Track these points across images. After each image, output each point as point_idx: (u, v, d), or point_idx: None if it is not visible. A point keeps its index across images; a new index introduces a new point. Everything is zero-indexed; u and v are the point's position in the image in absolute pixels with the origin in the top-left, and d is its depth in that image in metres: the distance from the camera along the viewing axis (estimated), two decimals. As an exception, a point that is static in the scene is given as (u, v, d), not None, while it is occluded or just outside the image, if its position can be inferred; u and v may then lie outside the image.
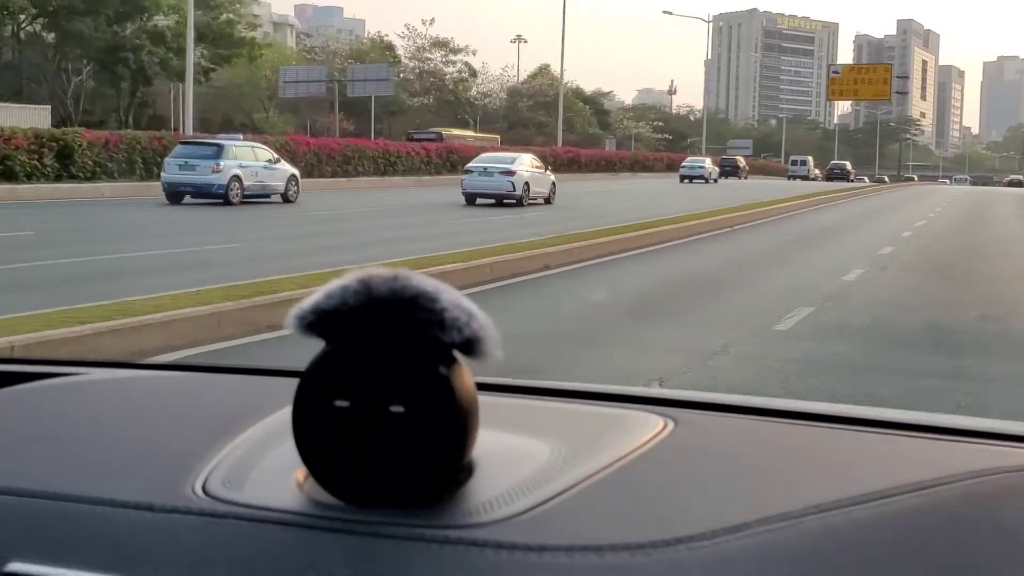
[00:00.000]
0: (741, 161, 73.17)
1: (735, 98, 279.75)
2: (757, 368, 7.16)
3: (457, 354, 0.77)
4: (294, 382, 0.78)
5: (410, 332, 0.75)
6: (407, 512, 0.75)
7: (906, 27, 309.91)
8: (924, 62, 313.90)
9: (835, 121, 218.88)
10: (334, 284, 0.78)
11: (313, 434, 0.78)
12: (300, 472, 0.82)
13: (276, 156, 26.31)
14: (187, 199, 23.86)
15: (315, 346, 0.80)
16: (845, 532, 0.73)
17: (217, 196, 23.79)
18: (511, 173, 26.94)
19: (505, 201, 26.68)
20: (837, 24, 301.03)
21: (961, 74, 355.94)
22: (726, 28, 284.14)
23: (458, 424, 0.76)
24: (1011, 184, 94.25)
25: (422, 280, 0.77)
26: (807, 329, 8.70)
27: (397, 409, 0.75)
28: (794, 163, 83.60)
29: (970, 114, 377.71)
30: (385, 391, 0.76)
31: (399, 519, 0.75)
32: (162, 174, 24.58)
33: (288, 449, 0.82)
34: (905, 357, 7.65)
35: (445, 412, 0.75)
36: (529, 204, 26.89)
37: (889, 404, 4.96)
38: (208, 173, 23.76)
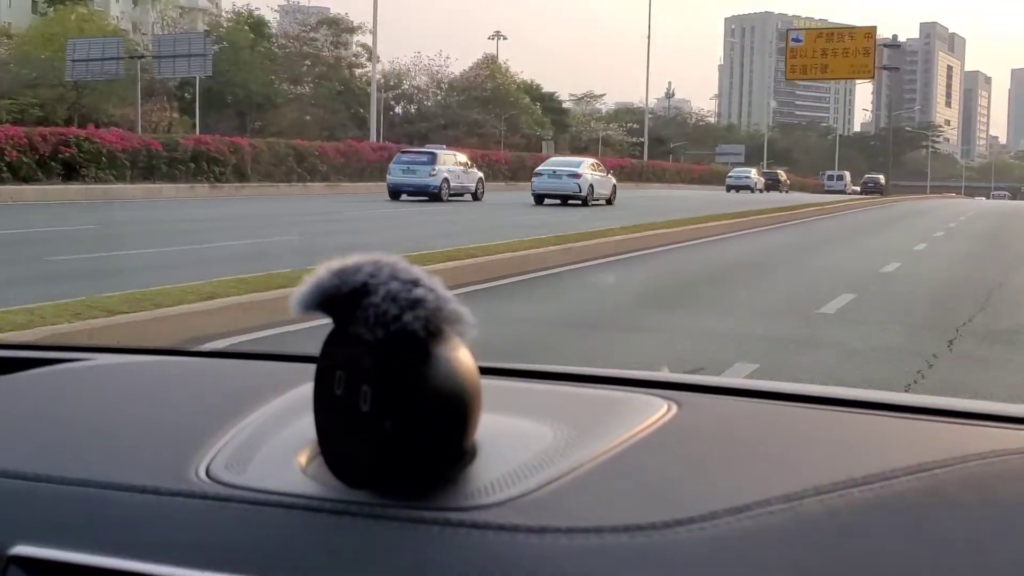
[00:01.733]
0: (782, 175, 72.85)
1: (748, 104, 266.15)
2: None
3: (453, 337, 0.77)
4: (298, 366, 0.80)
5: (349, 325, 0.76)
6: (409, 495, 0.76)
7: (929, 31, 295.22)
8: (949, 67, 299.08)
9: (856, 128, 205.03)
10: (323, 268, 0.78)
11: (320, 418, 0.79)
12: (303, 455, 0.82)
13: (469, 161, 32.87)
14: (403, 197, 29.78)
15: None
16: (844, 514, 0.74)
17: (431, 194, 29.80)
18: (577, 176, 29.89)
19: (570, 201, 29.47)
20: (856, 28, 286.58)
21: (988, 80, 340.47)
22: (739, 31, 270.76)
23: (445, 409, 0.76)
24: None
25: (383, 269, 0.77)
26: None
27: (381, 396, 0.75)
28: (830, 178, 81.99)
29: (997, 123, 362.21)
30: (367, 378, 0.75)
31: (401, 502, 0.75)
32: (388, 176, 30.96)
33: (291, 432, 0.84)
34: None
35: (429, 398, 0.75)
36: (593, 204, 29.57)
37: None
38: (426, 176, 30.20)
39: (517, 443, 0.85)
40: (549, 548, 0.70)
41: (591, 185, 30.48)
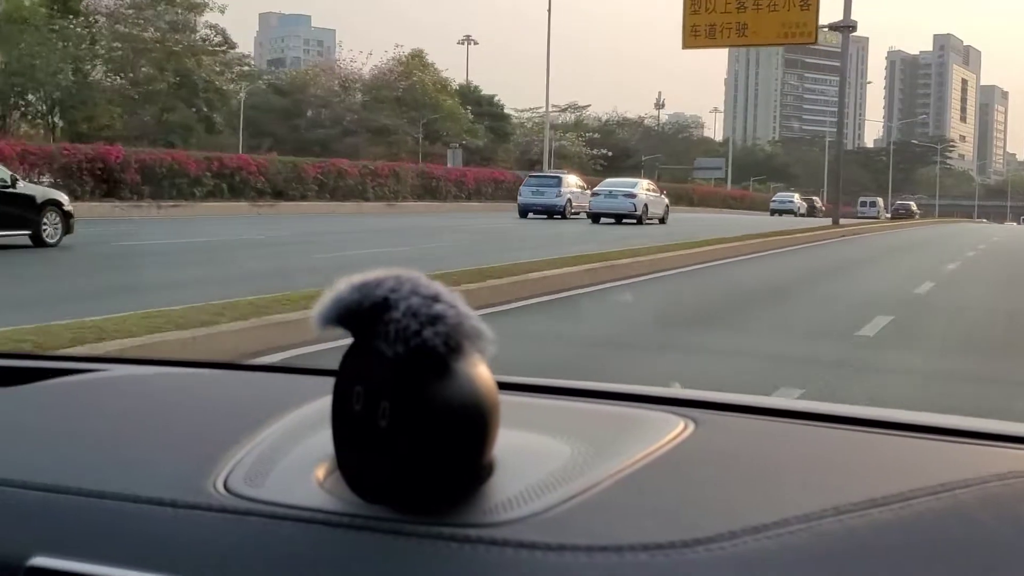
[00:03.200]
0: (818, 202, 73.22)
1: (753, 118, 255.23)
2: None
3: (473, 354, 0.77)
4: (316, 379, 0.81)
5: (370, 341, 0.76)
6: (427, 510, 0.75)
7: (944, 43, 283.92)
8: (964, 81, 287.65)
9: (867, 144, 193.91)
10: (341, 281, 0.78)
11: (338, 433, 0.79)
12: (321, 469, 0.82)
13: (584, 184, 37.62)
14: (530, 215, 34.36)
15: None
16: (864, 534, 0.73)
17: (557, 213, 34.45)
18: (633, 196, 33.05)
19: (624, 220, 31.85)
20: (867, 39, 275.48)
21: (1005, 95, 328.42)
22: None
23: (461, 424, 0.75)
24: None
25: (404, 284, 0.77)
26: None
27: (397, 411, 0.75)
28: (863, 204, 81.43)
29: (1016, 139, 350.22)
30: (391, 392, 0.75)
31: (420, 517, 0.75)
32: (519, 197, 36.07)
33: (308, 446, 0.84)
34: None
35: (444, 415, 0.75)
36: (646, 223, 32.11)
37: None
38: (553, 197, 35.06)
39: (535, 460, 0.84)
40: (568, 566, 0.70)
41: (646, 205, 32.60)
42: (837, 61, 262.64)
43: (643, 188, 33.97)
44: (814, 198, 73.75)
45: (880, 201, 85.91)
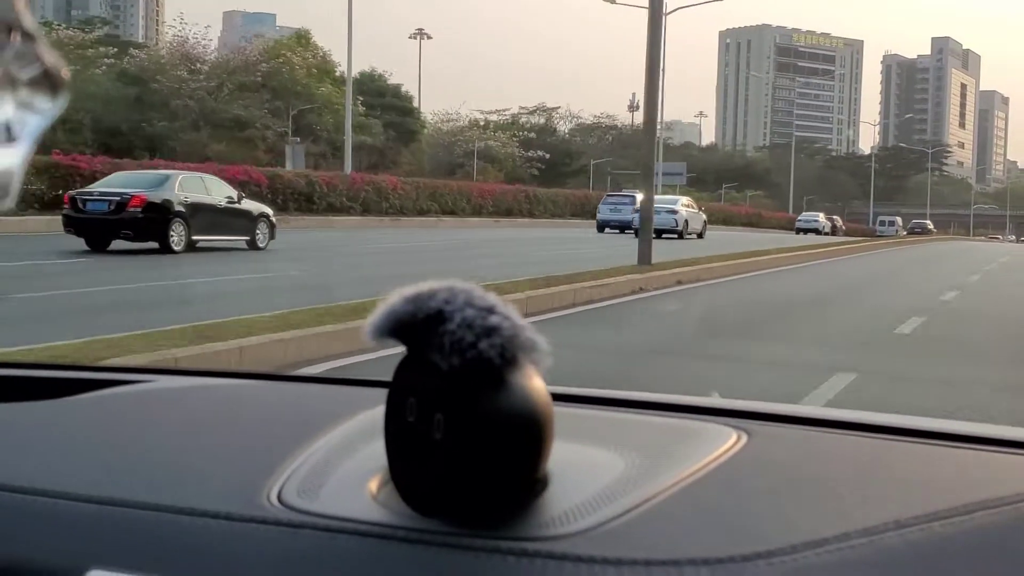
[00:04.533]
0: (838, 221, 74.61)
1: (743, 123, 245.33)
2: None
3: (528, 365, 0.77)
4: (367, 391, 0.82)
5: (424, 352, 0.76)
6: (482, 524, 0.75)
7: (942, 46, 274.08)
8: (963, 86, 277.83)
9: (864, 151, 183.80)
10: (394, 294, 0.78)
11: (392, 446, 0.79)
12: (374, 482, 0.82)
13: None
14: (606, 231, 37.94)
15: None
16: (926, 548, 0.73)
17: (632, 229, 33.33)
18: (675, 212, 35.71)
19: (665, 235, 32.33)
20: (862, 42, 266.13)
21: (1005, 100, 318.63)
22: (734, 46, 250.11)
23: (518, 436, 0.75)
24: None
25: (458, 296, 0.77)
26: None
27: (453, 424, 0.75)
28: (882, 223, 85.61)
29: (1017, 147, 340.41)
30: (445, 402, 0.75)
31: (475, 531, 0.74)
32: (598, 214, 40.16)
33: (361, 459, 0.84)
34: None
35: (497, 426, 0.74)
36: (687, 238, 34.74)
37: None
38: (628, 214, 36.62)
39: (589, 472, 0.84)
40: None
41: (686, 220, 35.74)
42: (831, 64, 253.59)
43: (683, 204, 36.60)
44: (835, 217, 74.86)
45: (899, 220, 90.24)
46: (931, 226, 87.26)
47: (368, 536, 0.76)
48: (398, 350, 0.79)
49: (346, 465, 0.88)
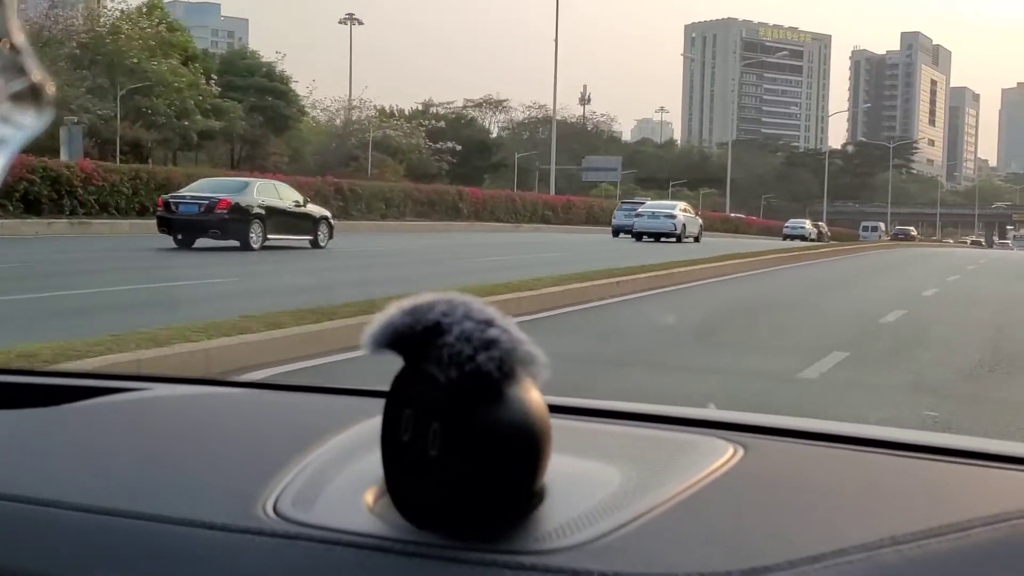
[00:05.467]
0: (823, 227, 76.03)
1: (708, 120, 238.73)
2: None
3: (526, 378, 0.77)
4: (363, 400, 0.83)
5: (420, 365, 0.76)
6: (479, 537, 0.75)
7: (912, 41, 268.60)
8: (933, 82, 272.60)
9: (834, 146, 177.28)
10: (392, 305, 0.78)
11: (389, 456, 0.79)
12: (370, 493, 0.82)
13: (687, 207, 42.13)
14: (620, 235, 38.60)
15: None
16: (921, 565, 0.73)
17: (631, 233, 37.04)
18: (673, 216, 36.66)
19: (663, 239, 35.00)
20: (830, 36, 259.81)
21: (976, 97, 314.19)
22: (699, 40, 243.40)
23: (517, 450, 0.76)
24: None
25: (457, 308, 0.77)
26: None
27: (451, 437, 0.75)
28: (865, 228, 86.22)
29: (987, 146, 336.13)
30: (442, 415, 0.76)
31: (471, 544, 0.75)
32: (613, 220, 42.38)
33: (357, 470, 0.84)
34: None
35: (495, 440, 0.75)
36: (684, 241, 35.69)
37: None
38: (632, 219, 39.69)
39: (586, 485, 0.84)
40: None
41: (684, 225, 36.66)
42: (798, 60, 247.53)
43: (680, 209, 38.03)
44: (821, 224, 76.64)
45: (881, 226, 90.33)
46: (914, 232, 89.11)
47: (363, 548, 0.76)
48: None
49: (342, 476, 0.88)
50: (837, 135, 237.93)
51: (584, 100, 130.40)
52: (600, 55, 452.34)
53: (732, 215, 71.27)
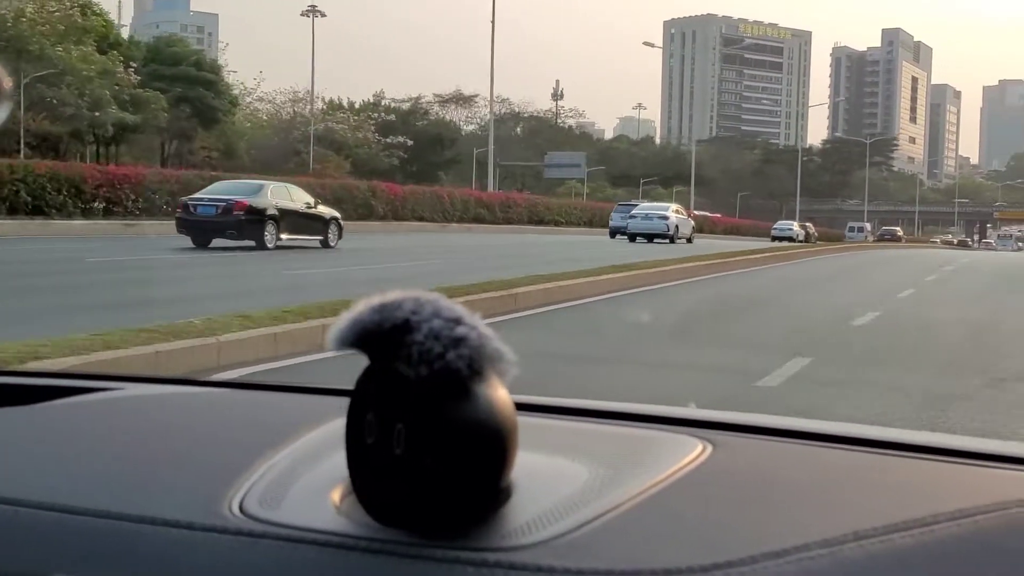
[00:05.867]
0: (811, 227, 74.36)
1: (688, 117, 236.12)
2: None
3: (493, 376, 0.78)
4: (329, 400, 0.83)
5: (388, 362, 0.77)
6: (445, 534, 0.76)
7: (892, 38, 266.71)
8: (914, 79, 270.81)
9: (816, 144, 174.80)
10: (372, 300, 0.78)
11: (354, 455, 0.79)
12: (336, 492, 0.83)
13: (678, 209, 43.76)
14: (617, 237, 39.47)
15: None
16: (885, 560, 0.73)
17: (626, 234, 38.50)
18: (666, 218, 37.83)
19: (656, 240, 36.16)
20: (810, 33, 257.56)
21: (957, 95, 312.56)
22: (679, 36, 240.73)
23: (486, 448, 0.76)
24: None
25: (425, 306, 0.77)
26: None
27: (419, 433, 0.75)
28: (851, 229, 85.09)
29: (968, 144, 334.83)
30: (410, 413, 0.76)
31: (437, 541, 0.75)
32: (610, 222, 43.57)
33: (324, 469, 0.85)
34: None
35: (468, 437, 0.75)
36: (677, 241, 36.62)
37: None
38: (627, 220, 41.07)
39: (552, 482, 0.85)
40: None
41: (677, 226, 37.67)
42: (778, 56, 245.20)
43: (673, 211, 39.39)
44: (808, 224, 76.12)
45: (868, 226, 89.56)
46: (900, 232, 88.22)
47: (329, 546, 0.76)
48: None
49: (309, 475, 0.88)
50: (818, 133, 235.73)
51: (556, 95, 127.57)
52: (583, 52, 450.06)
53: (696, 213, 68.34)
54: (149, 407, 1.20)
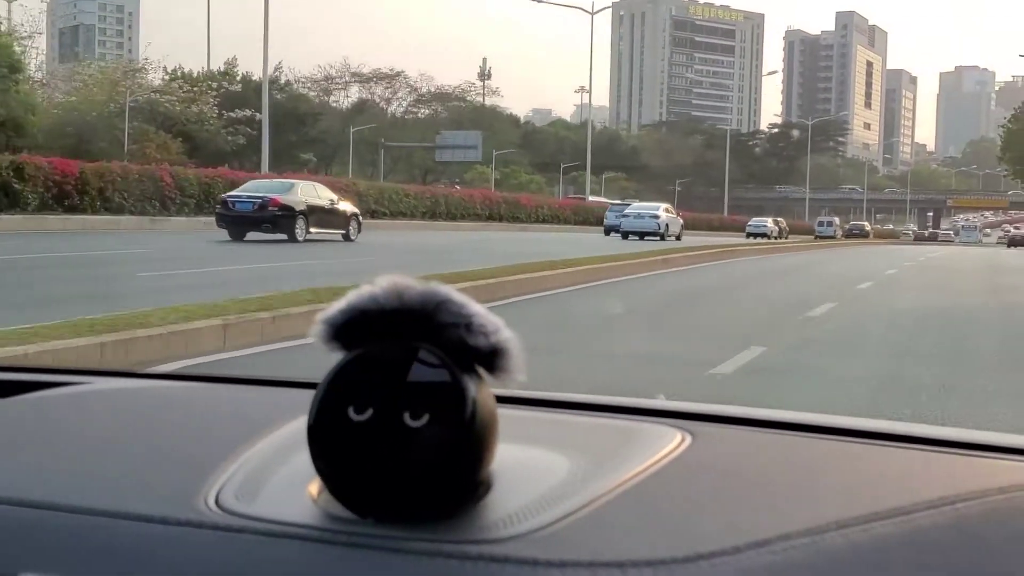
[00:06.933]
0: (782, 222, 73.78)
1: (637, 103, 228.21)
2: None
3: (480, 369, 0.78)
4: (306, 393, 0.82)
5: (436, 336, 0.77)
6: (425, 527, 0.76)
7: (847, 21, 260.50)
8: (869, 63, 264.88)
9: (767, 128, 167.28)
10: (365, 288, 0.79)
11: (329, 446, 0.78)
12: (314, 485, 0.82)
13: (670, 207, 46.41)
14: (611, 235, 41.94)
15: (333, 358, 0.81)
16: (867, 549, 0.74)
17: (620, 232, 41.27)
18: (657, 217, 40.39)
19: (647, 237, 37.82)
20: (762, 15, 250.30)
21: (913, 80, 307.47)
22: (627, 19, 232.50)
23: (477, 438, 0.76)
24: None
25: (452, 290, 0.79)
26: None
27: (413, 420, 0.76)
28: (820, 224, 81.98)
29: (925, 131, 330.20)
30: (402, 401, 0.76)
31: (417, 534, 0.75)
32: (605, 220, 45.36)
33: (301, 462, 0.83)
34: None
35: (463, 425, 0.75)
36: (667, 239, 38.83)
37: None
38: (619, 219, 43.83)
39: (533, 474, 0.85)
40: None
41: (667, 224, 40.23)
42: (730, 40, 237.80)
43: (664, 210, 42.00)
44: (780, 220, 74.52)
45: (837, 220, 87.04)
46: (868, 227, 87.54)
47: (307, 540, 0.76)
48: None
49: (286, 468, 0.87)
50: (772, 119, 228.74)
51: (484, 75, 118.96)
52: (537, 37, 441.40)
53: (591, 199, 60.23)
54: (121, 401, 1.18)
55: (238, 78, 56.25)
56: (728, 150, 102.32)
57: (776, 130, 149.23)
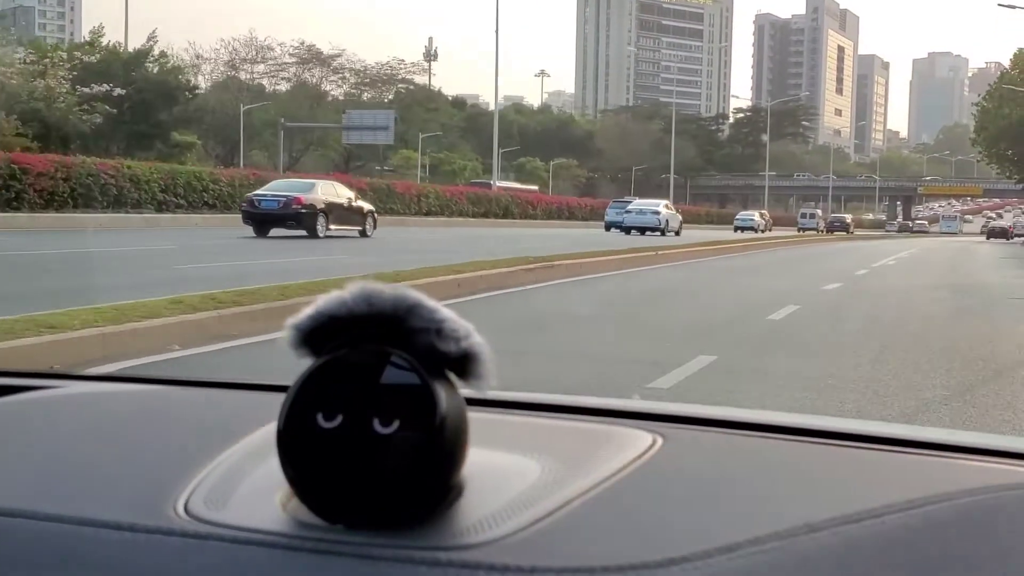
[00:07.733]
0: (766, 215, 74.45)
1: (603, 88, 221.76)
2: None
3: (449, 375, 0.78)
4: (276, 397, 0.82)
5: (406, 342, 0.76)
6: (394, 533, 0.75)
7: (817, 5, 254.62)
8: (840, 48, 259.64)
9: (732, 113, 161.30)
10: (334, 293, 0.78)
11: (298, 453, 0.77)
12: (284, 492, 0.81)
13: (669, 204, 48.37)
14: (612, 230, 43.96)
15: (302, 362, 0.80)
16: (837, 551, 0.74)
17: (623, 228, 43.37)
18: (658, 213, 42.08)
19: (647, 232, 39.74)
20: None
21: (886, 66, 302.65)
22: (593, 2, 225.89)
23: (447, 444, 0.76)
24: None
25: (423, 295, 0.79)
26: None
27: (383, 427, 0.75)
28: (803, 216, 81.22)
29: (897, 117, 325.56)
30: (372, 407, 0.75)
31: (387, 540, 0.74)
32: (606, 216, 47.60)
33: (271, 468, 0.83)
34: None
35: (434, 431, 0.75)
36: (667, 234, 40.52)
37: None
38: (622, 215, 45.76)
39: (503, 479, 0.84)
40: None
41: (667, 220, 41.76)
42: (698, 23, 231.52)
43: (664, 207, 44.03)
44: (764, 212, 75.93)
45: (819, 212, 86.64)
46: (849, 219, 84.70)
47: (277, 547, 0.75)
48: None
49: (256, 474, 0.86)
50: (741, 104, 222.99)
51: (430, 56, 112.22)
52: (506, 23, 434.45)
53: (499, 185, 53.85)
54: (91, 406, 1.16)
55: (100, 48, 49.38)
56: (674, 133, 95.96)
57: (741, 115, 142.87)
